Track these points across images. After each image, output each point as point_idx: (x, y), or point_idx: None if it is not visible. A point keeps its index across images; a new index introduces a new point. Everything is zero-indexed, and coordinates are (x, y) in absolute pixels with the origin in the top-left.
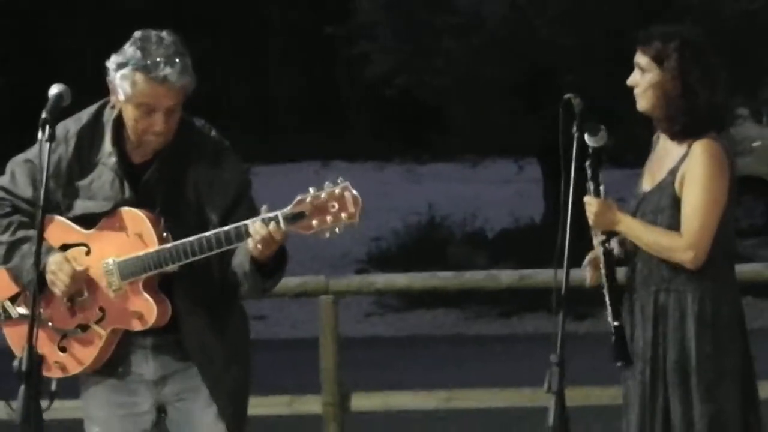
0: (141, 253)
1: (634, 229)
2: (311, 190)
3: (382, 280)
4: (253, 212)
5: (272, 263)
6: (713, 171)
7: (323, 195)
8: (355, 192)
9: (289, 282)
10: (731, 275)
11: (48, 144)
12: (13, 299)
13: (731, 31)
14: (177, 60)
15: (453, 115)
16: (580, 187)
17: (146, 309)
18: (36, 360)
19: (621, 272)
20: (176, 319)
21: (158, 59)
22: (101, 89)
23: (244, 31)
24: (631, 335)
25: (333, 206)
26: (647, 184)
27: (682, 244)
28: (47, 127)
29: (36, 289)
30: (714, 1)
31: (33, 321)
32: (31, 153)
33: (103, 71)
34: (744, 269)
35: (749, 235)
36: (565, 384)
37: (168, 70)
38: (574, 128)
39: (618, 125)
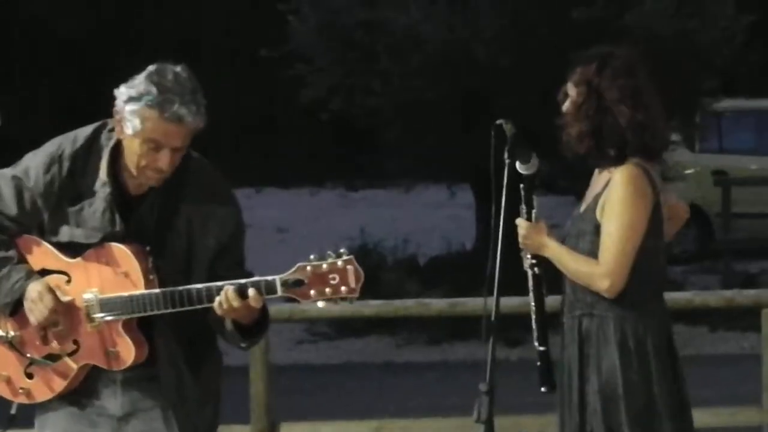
0: (125, 294)
1: (558, 255)
2: (313, 257)
3: (313, 307)
4: (242, 256)
5: (253, 325)
6: (631, 197)
7: (325, 265)
8: (358, 266)
9: None
10: (657, 302)
11: None
12: None
13: (668, 52)
14: (192, 100)
15: (387, 139)
16: (511, 214)
17: (124, 349)
18: None
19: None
20: (152, 354)
21: (174, 98)
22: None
23: (175, 52)
24: (561, 361)
25: (334, 278)
26: (581, 209)
27: (599, 271)
28: None
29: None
30: (650, 22)
31: None
32: (19, 169)
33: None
34: (675, 296)
35: (681, 262)
36: (496, 412)
37: (183, 111)
38: (506, 154)
39: (552, 151)
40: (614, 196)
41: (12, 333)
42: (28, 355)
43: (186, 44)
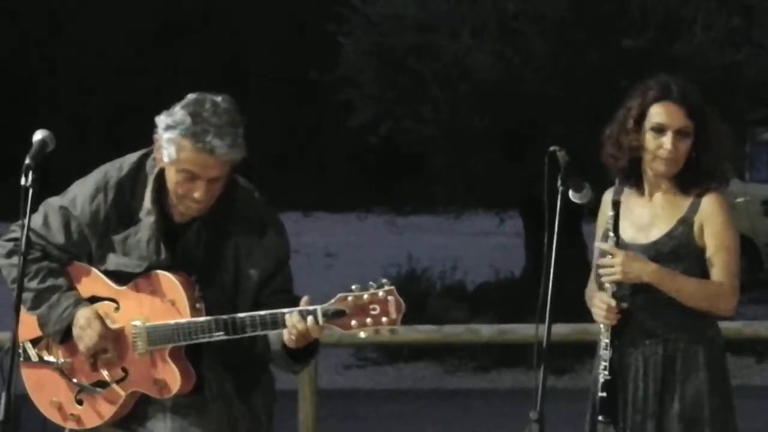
0: (172, 322)
1: (672, 277)
2: (354, 287)
3: None
4: (289, 284)
5: (303, 349)
6: (732, 221)
7: (366, 296)
8: (399, 297)
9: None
10: (720, 331)
11: (30, 190)
12: (35, 342)
13: (717, 82)
14: (228, 132)
15: (435, 165)
16: (562, 241)
17: (171, 378)
18: (14, 410)
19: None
20: (201, 382)
21: (209, 128)
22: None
23: (223, 76)
24: (623, 390)
25: (374, 309)
26: (637, 236)
27: (726, 290)
28: (30, 173)
29: (15, 342)
30: (700, 52)
31: (12, 367)
32: (66, 198)
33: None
34: (725, 326)
35: None
36: None
37: (217, 142)
38: (559, 182)
39: (600, 178)
40: (720, 219)
41: (62, 360)
42: (77, 381)
43: (234, 68)
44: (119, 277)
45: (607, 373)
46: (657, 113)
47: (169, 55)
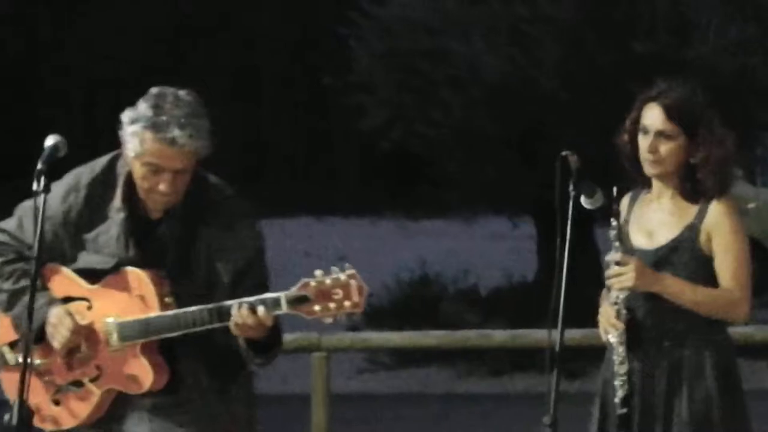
0: (141, 317)
1: (681, 286)
2: (317, 273)
3: (375, 337)
4: (264, 278)
5: (265, 340)
6: (741, 227)
7: (328, 281)
8: (360, 280)
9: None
10: (729, 335)
11: (43, 195)
12: (12, 345)
13: (728, 86)
14: (190, 123)
15: (447, 170)
16: (575, 246)
17: (142, 373)
18: (26, 414)
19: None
20: (178, 380)
21: (169, 120)
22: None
23: (235, 79)
24: (630, 394)
25: (337, 293)
26: (644, 242)
27: (738, 297)
28: (42, 178)
29: (30, 340)
30: (712, 57)
31: (24, 375)
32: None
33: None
34: (736, 330)
35: None
36: None
37: (177, 132)
38: (571, 187)
39: (612, 182)
40: (729, 225)
41: (38, 361)
42: (53, 382)
43: (246, 72)
44: (91, 276)
45: (627, 387)
46: (643, 115)
47: (181, 59)
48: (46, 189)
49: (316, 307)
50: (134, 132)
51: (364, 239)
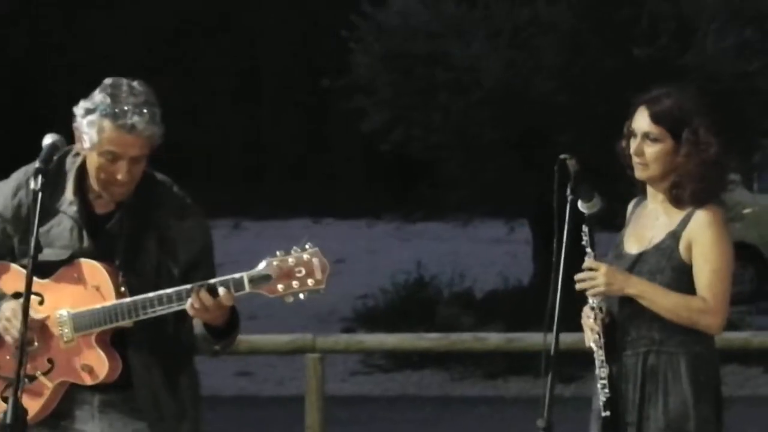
0: (97, 306)
1: (652, 290)
2: (279, 253)
3: (370, 339)
4: (212, 274)
5: (223, 326)
6: (725, 237)
7: (291, 259)
8: (323, 258)
9: (277, 339)
10: (713, 343)
11: (40, 194)
12: None
13: (727, 92)
14: (146, 109)
15: (445, 173)
16: (572, 250)
17: (97, 363)
18: (21, 413)
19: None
20: (128, 374)
21: (127, 107)
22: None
23: (236, 81)
24: (616, 400)
25: (300, 271)
26: (634, 246)
27: (710, 307)
28: (40, 176)
29: (24, 342)
30: (711, 62)
31: (19, 374)
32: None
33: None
34: (732, 336)
35: (738, 303)
36: None
37: (136, 119)
38: (569, 191)
39: (610, 186)
40: (709, 235)
41: None
42: (5, 376)
43: (247, 74)
44: (43, 270)
45: (607, 391)
46: (633, 119)
47: (182, 60)
48: (44, 187)
49: (279, 286)
50: (91, 122)
51: (361, 242)
